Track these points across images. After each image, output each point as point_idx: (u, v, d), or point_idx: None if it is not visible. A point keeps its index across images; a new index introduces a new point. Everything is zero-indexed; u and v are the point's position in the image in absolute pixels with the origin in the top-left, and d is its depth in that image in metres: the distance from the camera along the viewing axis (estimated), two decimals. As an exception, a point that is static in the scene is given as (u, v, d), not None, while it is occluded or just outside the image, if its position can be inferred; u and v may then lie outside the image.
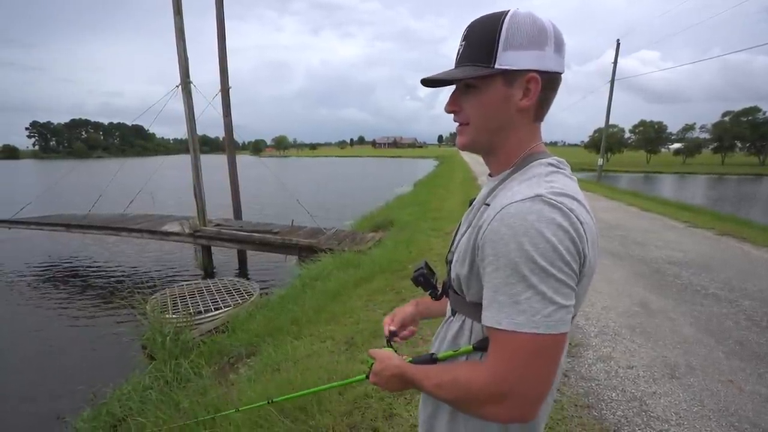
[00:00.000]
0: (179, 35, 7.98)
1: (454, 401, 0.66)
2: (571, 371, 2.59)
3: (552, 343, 0.56)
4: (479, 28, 0.66)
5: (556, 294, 0.56)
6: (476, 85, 0.67)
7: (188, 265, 9.88)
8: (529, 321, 0.55)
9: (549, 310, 0.55)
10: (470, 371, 0.63)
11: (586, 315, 3.48)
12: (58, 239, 11.27)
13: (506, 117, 0.68)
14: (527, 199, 0.58)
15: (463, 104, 0.71)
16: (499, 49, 0.63)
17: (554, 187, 0.61)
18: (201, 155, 8.86)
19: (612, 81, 20.55)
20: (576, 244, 0.57)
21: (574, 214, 0.58)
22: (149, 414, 2.94)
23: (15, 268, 9.80)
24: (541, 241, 0.55)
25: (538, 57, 0.64)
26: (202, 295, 6.53)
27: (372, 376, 0.81)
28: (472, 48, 0.67)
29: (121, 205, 10.19)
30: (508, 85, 0.65)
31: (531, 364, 0.57)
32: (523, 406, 0.58)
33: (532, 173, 0.66)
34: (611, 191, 14.42)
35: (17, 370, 5.22)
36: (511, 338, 0.57)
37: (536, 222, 0.56)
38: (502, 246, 0.57)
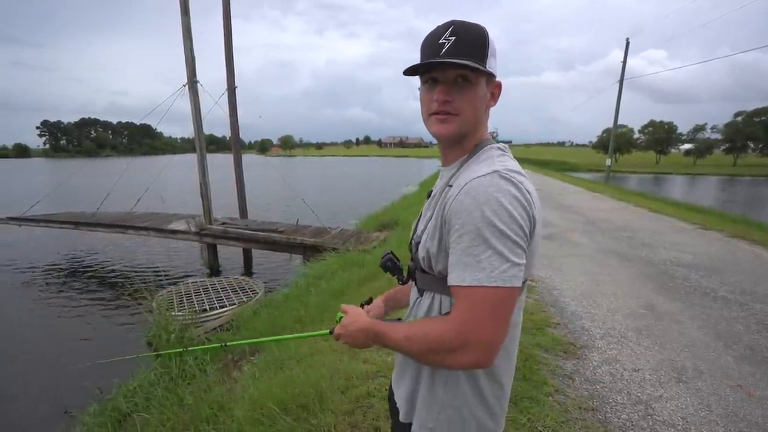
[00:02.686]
0: (186, 35, 8.04)
1: (422, 353, 0.73)
2: (575, 373, 2.56)
3: (507, 296, 0.66)
4: (472, 31, 0.75)
5: (512, 253, 0.65)
6: (471, 80, 0.76)
7: (194, 263, 9.95)
8: (489, 276, 0.65)
9: (505, 267, 0.65)
10: (438, 324, 0.71)
11: (591, 316, 3.45)
12: (68, 237, 11.41)
13: (483, 113, 0.81)
14: (487, 174, 0.69)
15: (454, 95, 0.77)
16: (489, 54, 0.75)
17: (506, 165, 0.73)
18: (207, 154, 8.91)
19: (621, 81, 20.34)
20: (527, 210, 0.68)
21: (524, 186, 0.70)
22: (154, 410, 2.96)
23: (25, 264, 9.94)
24: (500, 208, 0.66)
25: (496, 66, 0.78)
26: (207, 292, 6.57)
27: (338, 329, 0.87)
28: (469, 46, 0.74)
29: (129, 204, 10.28)
30: (486, 86, 0.78)
31: (490, 313, 0.66)
32: (483, 352, 0.67)
33: (487, 155, 0.79)
34: (619, 192, 14.27)
35: (25, 365, 5.29)
36: (473, 292, 0.66)
37: (495, 192, 0.67)
38: (466, 215, 0.67)
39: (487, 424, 0.80)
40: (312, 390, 2.26)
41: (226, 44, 9.56)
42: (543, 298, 3.88)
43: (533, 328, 3.16)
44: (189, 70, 8.14)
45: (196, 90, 8.26)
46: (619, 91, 20.51)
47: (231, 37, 9.65)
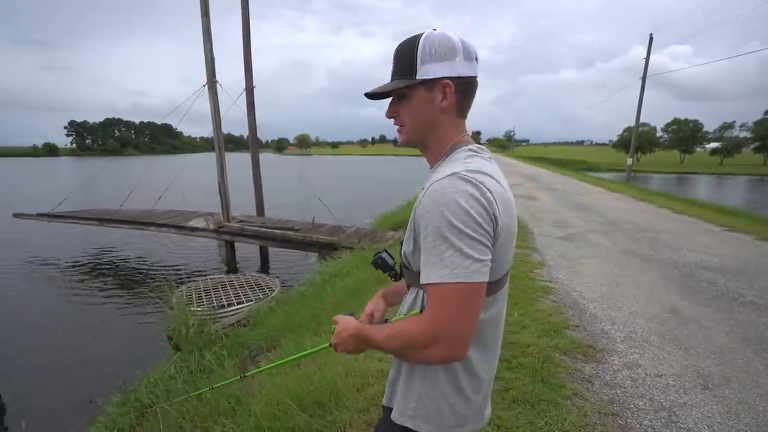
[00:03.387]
0: (206, 36, 8.19)
1: (400, 349, 0.78)
2: (595, 377, 2.51)
3: (471, 290, 0.69)
4: (403, 48, 0.83)
5: (472, 250, 0.68)
6: (406, 94, 0.84)
7: (212, 259, 10.15)
8: (451, 273, 0.68)
9: (467, 263, 0.68)
10: (412, 322, 0.76)
11: (611, 319, 3.37)
12: (93, 233, 11.79)
13: (432, 116, 0.84)
14: (446, 177, 0.73)
15: (399, 111, 0.87)
16: (418, 63, 0.80)
17: (469, 166, 0.76)
18: (226, 153, 9.07)
19: (644, 77, 19.77)
20: (486, 209, 0.70)
21: (484, 186, 0.72)
22: (174, 402, 3.03)
23: (53, 259, 10.33)
24: (456, 207, 0.69)
25: (450, 66, 0.80)
26: (225, 289, 6.70)
27: (333, 338, 0.92)
28: (399, 65, 0.83)
29: (150, 201, 10.56)
30: (429, 91, 0.81)
31: (456, 308, 0.69)
32: (453, 346, 0.71)
33: (454, 158, 0.83)
34: (640, 192, 13.89)
35: (53, 356, 5.49)
36: (439, 289, 0.70)
37: (452, 193, 0.70)
38: (428, 216, 0.71)
39: (465, 413, 0.85)
40: (328, 387, 2.28)
41: (245, 45, 9.71)
42: (561, 299, 3.81)
43: (551, 330, 3.10)
44: (208, 70, 8.29)
45: (215, 90, 8.41)
46: (642, 88, 19.94)
47: (249, 38, 9.79)
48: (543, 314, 3.39)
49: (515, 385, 2.33)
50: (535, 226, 7.26)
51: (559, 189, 14.27)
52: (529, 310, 3.48)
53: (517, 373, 2.47)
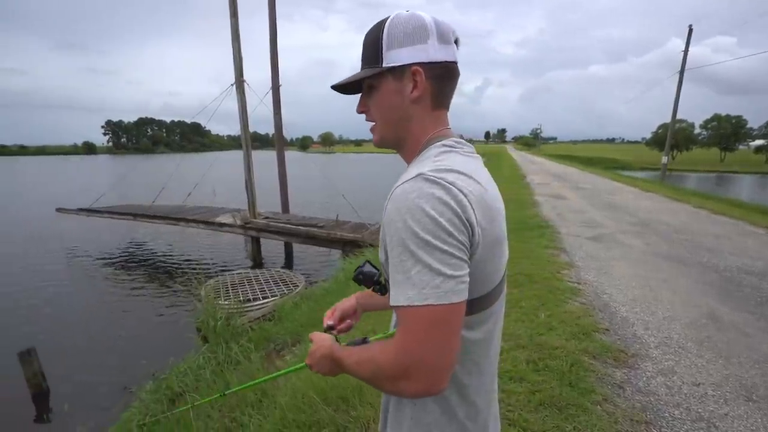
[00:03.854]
0: (234, 36, 8.38)
1: (370, 378, 0.67)
2: (626, 383, 2.42)
3: (445, 314, 0.58)
4: (369, 34, 0.73)
5: (443, 265, 0.57)
6: (374, 85, 0.74)
7: (239, 254, 10.42)
8: (420, 294, 0.57)
9: (437, 282, 0.57)
10: (382, 348, 0.66)
11: (644, 324, 3.23)
12: (127, 227, 12.33)
13: (402, 109, 0.73)
14: (410, 179, 0.62)
15: (369, 104, 0.77)
16: (384, 49, 0.70)
17: (439, 165, 0.64)
18: (252, 151, 9.27)
19: (681, 71, 18.82)
20: (458, 215, 0.59)
21: (455, 187, 0.60)
22: (203, 391, 3.14)
23: (91, 252, 10.88)
24: (422, 215, 0.58)
25: (420, 51, 0.69)
26: (251, 283, 6.86)
27: (308, 358, 0.82)
28: (365, 53, 0.74)
29: (181, 197, 10.94)
30: (397, 80, 0.71)
31: (428, 335, 0.58)
32: (427, 379, 0.59)
33: (425, 156, 0.71)
34: (676, 192, 13.26)
35: (90, 343, 5.79)
36: (407, 312, 0.59)
37: (416, 198, 0.59)
38: (392, 226, 0.61)
39: None
40: (351, 383, 2.29)
41: (272, 44, 9.87)
42: (591, 302, 3.69)
43: (580, 332, 3.01)
44: (237, 69, 8.49)
45: (243, 89, 8.61)
46: (679, 82, 18.99)
47: (276, 38, 9.95)
48: (571, 316, 3.29)
49: (542, 388, 2.28)
50: (563, 226, 7.05)
51: (588, 188, 13.82)
52: (556, 311, 3.39)
53: (544, 376, 2.40)
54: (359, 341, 0.77)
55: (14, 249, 11.13)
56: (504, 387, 2.31)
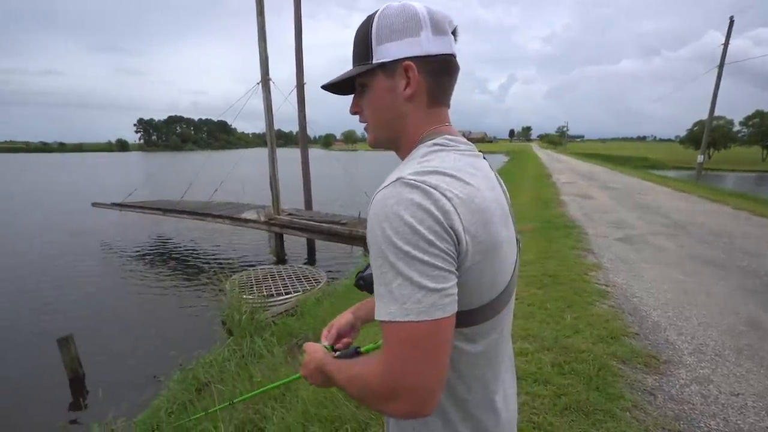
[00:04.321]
0: (261, 35, 8.53)
1: (359, 397, 0.63)
2: (658, 390, 2.32)
3: (428, 330, 0.53)
4: (359, 30, 0.69)
5: (424, 277, 0.53)
6: (366, 83, 0.70)
7: (263, 250, 10.63)
8: (401, 309, 0.53)
9: (419, 296, 0.53)
10: (368, 365, 0.61)
11: (677, 329, 3.10)
12: (157, 221, 12.80)
13: (396, 108, 0.69)
14: (390, 184, 0.58)
15: (362, 105, 0.73)
16: (373, 44, 0.66)
17: (424, 166, 0.60)
18: (276, 149, 9.43)
19: (721, 65, 17.87)
20: (440, 222, 0.54)
21: (438, 190, 0.55)
22: (227, 382, 3.22)
23: (122, 245, 11.35)
24: (400, 224, 0.54)
25: (412, 44, 0.64)
26: (274, 279, 6.99)
27: (302, 369, 0.79)
28: (355, 50, 0.70)
29: (207, 193, 11.26)
30: (389, 77, 0.67)
31: (411, 353, 0.54)
32: (413, 399, 0.55)
33: (412, 157, 0.66)
34: (713, 192, 12.62)
35: (122, 333, 6.04)
36: (390, 329, 0.55)
37: (395, 205, 0.55)
38: (371, 235, 0.57)
39: None
40: (373, 379, 2.30)
41: (297, 43, 9.99)
42: (620, 304, 3.57)
43: (608, 336, 2.91)
44: (263, 68, 8.64)
45: (268, 87, 8.75)
46: (718, 76, 18.03)
47: (301, 36, 10.06)
48: (599, 319, 3.19)
49: (568, 392, 2.22)
50: (591, 227, 6.84)
51: (616, 187, 13.35)
52: (583, 314, 3.29)
53: (570, 379, 2.34)
54: (351, 353, 0.74)
55: (54, 241, 11.75)
56: (528, 389, 2.26)
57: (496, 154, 68.00)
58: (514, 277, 0.70)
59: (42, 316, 6.63)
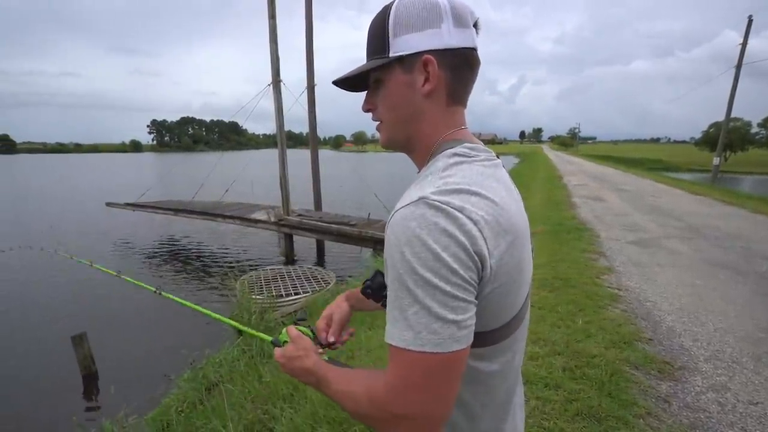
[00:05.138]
0: (272, 37, 8.59)
1: (352, 413, 0.60)
2: (672, 397, 2.27)
3: (442, 363, 0.51)
4: (374, 20, 0.65)
5: (443, 308, 0.51)
6: (381, 78, 0.65)
7: (272, 250, 10.70)
8: (416, 338, 0.51)
9: (435, 327, 0.51)
10: (371, 384, 0.57)
11: (693, 335, 3.03)
12: (168, 221, 12.98)
13: (413, 105, 0.64)
14: (411, 203, 0.54)
15: (376, 101, 0.69)
16: (390, 36, 0.62)
17: (447, 183, 0.56)
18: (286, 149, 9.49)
19: (738, 65, 17.51)
20: (466, 249, 0.51)
21: (464, 213, 0.52)
22: (237, 382, 3.24)
23: (134, 244, 11.53)
24: (423, 249, 0.50)
25: (433, 36, 0.60)
26: (283, 279, 7.02)
27: (279, 356, 0.75)
28: (369, 42, 0.65)
29: (218, 194, 11.37)
30: (407, 72, 0.62)
31: (422, 383, 0.52)
32: (414, 429, 0.54)
33: (431, 170, 0.61)
34: (729, 194, 12.34)
35: (133, 331, 6.13)
36: (401, 355, 0.52)
37: (417, 228, 0.51)
38: (389, 256, 0.54)
39: None
40: (382, 381, 2.29)
41: (307, 45, 10.05)
42: (632, 309, 3.51)
43: (620, 341, 2.86)
44: (274, 70, 8.71)
45: (279, 89, 8.82)
46: (736, 76, 17.65)
47: (312, 38, 10.12)
48: (611, 324, 3.14)
49: (579, 397, 2.19)
50: (602, 230, 6.75)
51: (629, 189, 13.14)
52: (595, 318, 3.24)
53: (582, 384, 2.31)
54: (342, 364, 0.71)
55: (69, 241, 11.99)
56: (539, 394, 2.24)
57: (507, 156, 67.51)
58: (529, 295, 0.68)
59: (56, 314, 6.76)
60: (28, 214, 16.71)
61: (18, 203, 20.48)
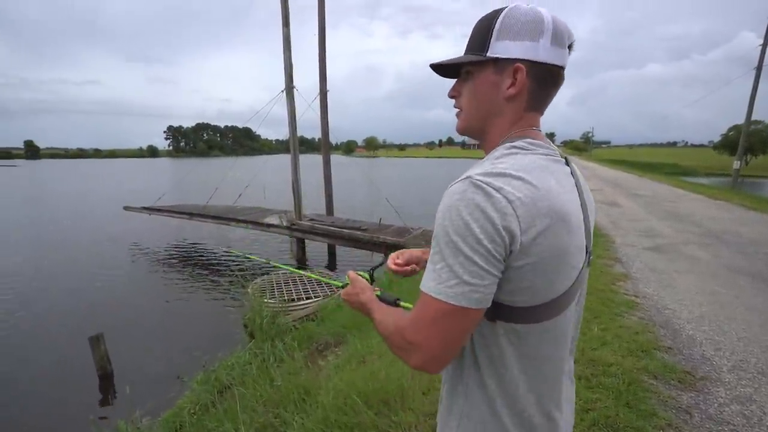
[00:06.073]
0: (286, 44, 8.72)
1: (385, 338, 0.75)
2: (694, 408, 2.20)
3: (451, 312, 0.62)
4: (481, 20, 0.71)
5: (462, 269, 0.60)
6: (472, 71, 0.73)
7: (284, 254, 10.78)
8: (437, 288, 0.62)
9: (452, 283, 0.61)
10: (400, 318, 0.72)
11: (715, 344, 2.94)
12: (184, 225, 13.18)
13: (494, 104, 0.72)
14: (460, 181, 0.63)
15: (462, 90, 0.76)
16: (492, 38, 0.69)
17: (495, 167, 0.64)
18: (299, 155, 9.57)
19: (759, 66, 17.05)
20: (494, 224, 0.59)
21: (501, 193, 0.60)
22: (249, 385, 3.25)
23: (150, 248, 11.74)
24: (457, 219, 0.60)
25: (530, 48, 0.67)
26: (295, 284, 7.05)
27: (344, 294, 0.93)
28: (472, 38, 0.72)
29: (232, 198, 11.52)
30: (497, 73, 0.70)
31: (431, 323, 0.63)
32: (424, 358, 0.66)
33: (489, 157, 0.70)
34: (751, 200, 11.98)
35: (148, 334, 6.22)
36: (424, 299, 0.64)
37: (457, 201, 0.61)
38: (437, 222, 0.64)
39: None
40: (394, 387, 2.28)
41: (320, 52, 10.16)
42: (650, 317, 3.42)
43: (638, 349, 2.79)
44: (287, 76, 8.82)
45: (292, 95, 8.93)
46: (756, 78, 17.19)
47: (324, 45, 10.22)
48: (628, 332, 3.06)
49: (596, 407, 2.13)
50: (618, 235, 6.62)
51: (645, 194, 12.88)
52: (611, 325, 3.17)
53: (599, 394, 2.25)
54: (391, 301, 0.87)
55: (87, 244, 12.28)
56: (554, 403, 2.19)
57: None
58: (576, 286, 0.70)
59: (74, 315, 6.91)
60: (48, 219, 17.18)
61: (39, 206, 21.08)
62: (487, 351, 0.69)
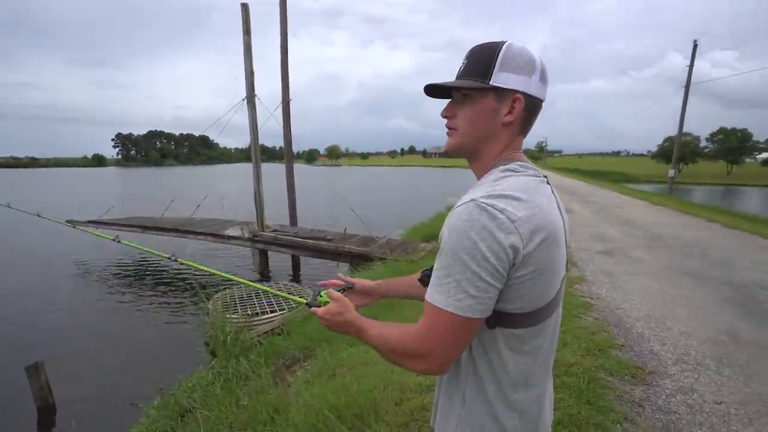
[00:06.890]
0: (247, 52, 8.56)
1: (386, 351, 0.80)
2: (645, 401, 2.37)
3: (459, 322, 0.69)
4: (481, 50, 0.79)
5: (469, 284, 0.67)
6: (472, 95, 0.79)
7: (246, 267, 10.42)
8: (445, 300, 0.69)
9: (460, 296, 0.68)
10: (404, 330, 0.78)
11: (661, 340, 3.18)
12: (136, 240, 12.40)
13: (491, 128, 0.79)
14: (464, 203, 0.70)
15: (456, 111, 0.82)
16: (495, 69, 0.76)
17: (496, 189, 0.71)
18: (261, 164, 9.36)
19: (687, 85, 18.89)
20: (500, 243, 0.66)
21: (505, 214, 0.67)
22: (213, 407, 3.10)
23: (97, 265, 10.93)
24: (465, 239, 0.67)
25: (526, 82, 0.76)
26: (258, 297, 6.83)
27: (326, 312, 0.93)
28: (473, 65, 0.79)
29: (189, 209, 11.01)
30: (497, 101, 0.77)
31: (443, 333, 0.71)
32: (434, 363, 0.74)
33: (487, 179, 0.78)
34: (685, 205, 13.14)
35: (96, 358, 5.76)
36: (432, 310, 0.71)
37: (465, 223, 0.68)
38: (443, 240, 0.71)
39: None
40: (366, 400, 2.27)
41: (282, 60, 10.04)
42: (604, 317, 3.64)
43: (595, 348, 2.96)
44: (248, 85, 8.64)
45: (254, 104, 8.74)
46: (685, 95, 19.02)
47: (287, 54, 10.11)
48: (585, 332, 3.25)
49: (560, 406, 2.24)
50: (572, 240, 7.00)
51: (596, 201, 13.75)
52: (569, 327, 3.35)
53: (562, 393, 2.36)
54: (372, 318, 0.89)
55: (26, 262, 11.24)
56: (521, 405, 2.27)
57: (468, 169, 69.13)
58: (561, 290, 0.80)
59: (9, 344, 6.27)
60: (-22, 234, 15.55)
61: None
62: (485, 357, 0.76)
